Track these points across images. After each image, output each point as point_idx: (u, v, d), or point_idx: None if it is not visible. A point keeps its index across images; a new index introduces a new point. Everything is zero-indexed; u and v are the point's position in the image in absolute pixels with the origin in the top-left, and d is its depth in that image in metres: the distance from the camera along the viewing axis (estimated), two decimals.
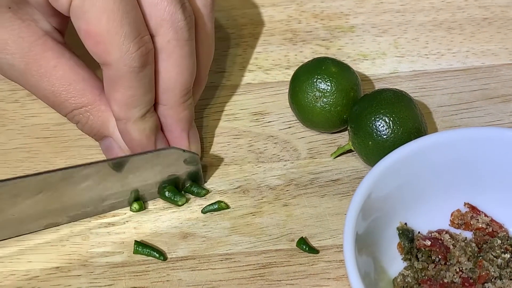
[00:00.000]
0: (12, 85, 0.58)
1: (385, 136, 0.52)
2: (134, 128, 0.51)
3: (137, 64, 0.48)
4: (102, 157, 0.55)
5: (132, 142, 0.52)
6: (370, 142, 0.52)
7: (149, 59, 0.49)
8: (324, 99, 0.54)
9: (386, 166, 0.46)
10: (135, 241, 0.51)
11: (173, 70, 0.51)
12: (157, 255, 0.51)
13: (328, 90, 0.54)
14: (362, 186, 0.45)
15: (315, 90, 0.55)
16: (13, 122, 0.58)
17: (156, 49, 0.50)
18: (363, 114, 0.53)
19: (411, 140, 0.50)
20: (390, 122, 0.52)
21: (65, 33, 0.54)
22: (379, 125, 0.52)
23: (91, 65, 0.53)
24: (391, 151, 0.48)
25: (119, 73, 0.48)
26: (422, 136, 0.52)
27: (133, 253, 0.51)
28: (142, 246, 0.51)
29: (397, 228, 0.49)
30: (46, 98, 0.52)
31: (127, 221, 0.53)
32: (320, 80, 0.55)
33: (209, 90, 0.60)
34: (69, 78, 0.51)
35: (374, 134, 0.52)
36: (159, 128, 0.53)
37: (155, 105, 0.52)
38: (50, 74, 0.51)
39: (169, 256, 0.51)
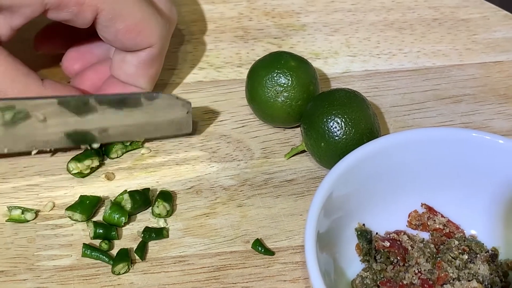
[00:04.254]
0: None
1: (337, 138, 0.51)
2: None
3: (169, 35, 0.55)
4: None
5: None
6: (322, 144, 0.52)
7: None
8: (285, 94, 0.53)
9: (347, 165, 0.46)
10: (84, 244, 0.49)
11: None
12: (106, 259, 0.49)
13: (289, 84, 0.53)
14: (324, 184, 0.44)
15: (275, 85, 0.54)
16: None
17: None
18: (315, 115, 0.52)
19: (363, 141, 0.49)
20: (342, 123, 0.51)
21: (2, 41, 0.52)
22: (331, 126, 0.51)
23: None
24: (344, 152, 0.48)
25: (161, 48, 0.54)
26: (375, 136, 0.51)
27: (82, 256, 0.49)
28: (91, 249, 0.49)
29: (356, 229, 0.48)
30: None
31: (75, 223, 0.51)
32: (280, 75, 0.54)
33: (159, 87, 0.59)
34: (11, 75, 0.50)
35: (327, 136, 0.51)
36: None
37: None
38: None
39: None
